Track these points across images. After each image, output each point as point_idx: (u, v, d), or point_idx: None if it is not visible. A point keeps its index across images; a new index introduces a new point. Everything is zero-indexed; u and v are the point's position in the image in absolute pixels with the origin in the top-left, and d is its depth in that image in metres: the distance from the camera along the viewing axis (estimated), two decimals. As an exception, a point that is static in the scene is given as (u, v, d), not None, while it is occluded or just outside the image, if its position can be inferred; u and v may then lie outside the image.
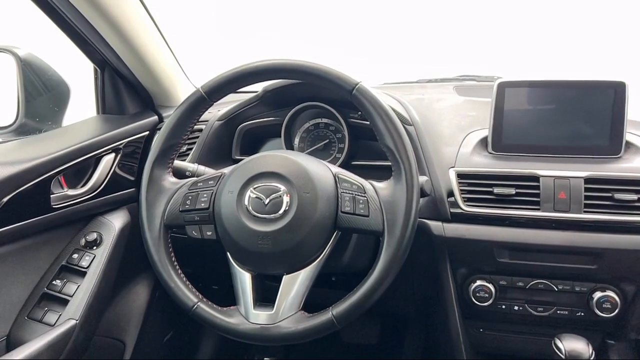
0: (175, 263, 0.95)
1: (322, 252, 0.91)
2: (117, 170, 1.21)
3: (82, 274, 1.11)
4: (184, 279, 0.94)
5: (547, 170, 1.05)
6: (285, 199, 0.88)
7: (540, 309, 1.08)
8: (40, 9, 1.07)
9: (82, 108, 1.36)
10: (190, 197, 0.95)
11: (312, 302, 0.91)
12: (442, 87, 1.52)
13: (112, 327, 1.28)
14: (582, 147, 1.09)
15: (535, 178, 1.05)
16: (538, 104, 1.11)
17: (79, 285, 1.10)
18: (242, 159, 1.00)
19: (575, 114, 1.09)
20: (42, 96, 1.26)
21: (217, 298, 1.24)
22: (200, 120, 1.03)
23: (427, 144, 1.13)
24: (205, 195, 0.94)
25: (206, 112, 1.02)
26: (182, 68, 1.44)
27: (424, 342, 1.56)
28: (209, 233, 0.97)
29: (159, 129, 0.98)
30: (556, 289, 1.06)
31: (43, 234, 1.08)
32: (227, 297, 0.96)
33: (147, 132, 1.29)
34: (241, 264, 0.93)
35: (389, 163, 1.17)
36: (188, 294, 0.92)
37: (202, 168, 1.10)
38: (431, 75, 1.65)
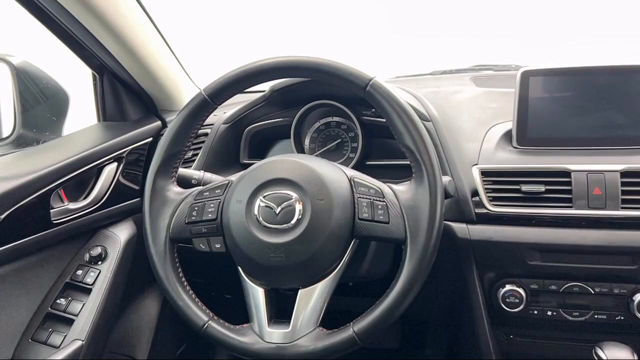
0: (183, 279, 0.89)
1: (339, 263, 0.85)
2: (121, 180, 1.16)
3: (87, 291, 1.06)
4: (193, 295, 0.88)
5: (578, 164, 0.97)
6: (298, 207, 0.81)
7: (575, 313, 1.00)
8: (30, 13, 1.01)
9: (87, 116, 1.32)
10: (196, 208, 0.88)
11: (329, 311, 0.85)
12: (458, 78, 1.44)
13: (122, 343, 1.23)
14: (617, 138, 1.01)
15: (566, 173, 0.97)
16: (566, 93, 1.03)
17: (84, 304, 1.04)
18: (250, 163, 0.95)
19: (607, 102, 1.01)
20: (39, 106, 1.21)
21: (230, 309, 1.19)
22: (205, 124, 0.97)
23: (447, 140, 1.06)
24: (212, 205, 0.88)
25: (211, 115, 0.96)
26: (185, 70, 1.37)
27: (446, 348, 1.49)
28: (217, 246, 0.91)
29: (163, 134, 0.93)
30: (593, 292, 0.99)
31: (44, 251, 1.03)
32: (240, 307, 0.91)
33: (150, 139, 1.23)
34: (253, 278, 0.87)
35: (407, 162, 1.11)
36: (198, 313, 0.86)
37: (208, 175, 1.04)
38: (444, 67, 1.58)
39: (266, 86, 1.18)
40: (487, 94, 1.25)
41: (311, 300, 0.83)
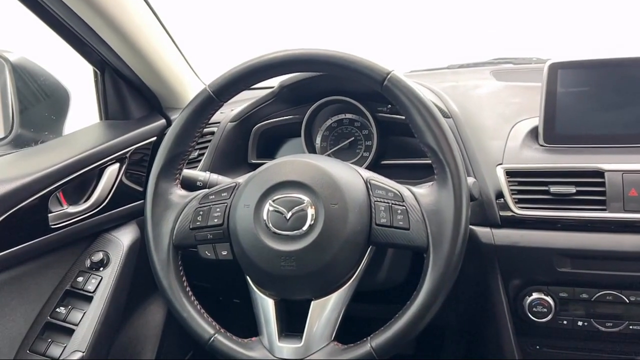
0: (188, 288, 0.84)
1: (354, 272, 0.79)
2: (124, 181, 1.10)
3: (88, 299, 1.01)
4: (198, 307, 0.83)
5: (612, 163, 0.90)
6: (310, 211, 0.75)
7: (609, 324, 0.93)
8: (27, 6, 0.95)
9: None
10: (201, 213, 0.83)
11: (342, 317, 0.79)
12: (477, 72, 1.38)
13: (126, 351, 1.18)
14: (654, 135, 0.93)
15: (599, 173, 0.90)
16: (597, 87, 0.96)
17: (85, 312, 1.00)
18: (259, 163, 0.89)
19: (643, 96, 0.93)
20: (38, 104, 1.16)
21: (238, 317, 1.13)
22: (211, 122, 0.91)
23: (469, 138, 0.99)
24: (218, 209, 0.82)
25: (217, 113, 0.90)
26: (190, 65, 1.31)
27: (463, 355, 1.42)
28: (224, 253, 0.85)
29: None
30: (627, 301, 0.91)
31: (43, 257, 0.98)
32: (250, 314, 0.85)
33: (154, 138, 1.18)
34: (262, 288, 0.81)
35: (424, 161, 1.04)
36: (203, 325, 0.81)
37: (214, 177, 0.98)
38: (458, 61, 1.51)
39: (275, 82, 1.12)
40: (509, 88, 1.18)
41: (325, 312, 0.78)
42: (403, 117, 0.78)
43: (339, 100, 1.12)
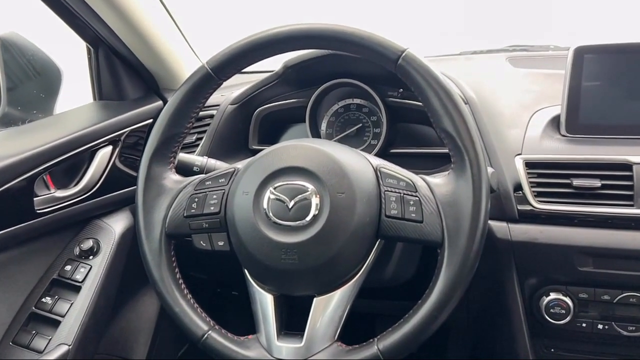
0: (181, 281, 0.78)
1: (361, 267, 0.73)
2: (117, 165, 1.04)
3: (76, 289, 0.96)
4: (192, 301, 0.77)
5: None
6: (314, 201, 0.69)
7: (631, 327, 0.87)
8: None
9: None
10: (196, 199, 0.77)
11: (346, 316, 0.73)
12: (492, 58, 1.30)
13: (117, 344, 1.13)
14: (687, 126, 0.87)
15: (627, 166, 0.84)
16: (625, 73, 0.89)
17: (72, 303, 0.94)
18: (260, 149, 0.83)
19: (676, 84, 0.87)
20: (28, 82, 1.09)
21: (235, 311, 1.07)
22: (211, 104, 0.85)
23: (486, 126, 0.93)
24: (215, 196, 0.76)
25: (218, 95, 0.84)
26: (189, 44, 1.25)
27: (470, 355, 1.37)
28: (220, 244, 0.80)
29: (161, 114, 0.82)
30: None
31: (28, 244, 0.92)
32: (249, 307, 0.79)
33: (150, 120, 1.12)
34: (261, 282, 0.75)
35: (436, 150, 0.98)
36: (196, 321, 0.75)
37: (212, 162, 0.92)
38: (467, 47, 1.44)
39: (279, 62, 1.05)
40: (527, 75, 1.11)
41: (328, 309, 0.72)
42: (415, 103, 0.72)
43: (347, 84, 1.05)
